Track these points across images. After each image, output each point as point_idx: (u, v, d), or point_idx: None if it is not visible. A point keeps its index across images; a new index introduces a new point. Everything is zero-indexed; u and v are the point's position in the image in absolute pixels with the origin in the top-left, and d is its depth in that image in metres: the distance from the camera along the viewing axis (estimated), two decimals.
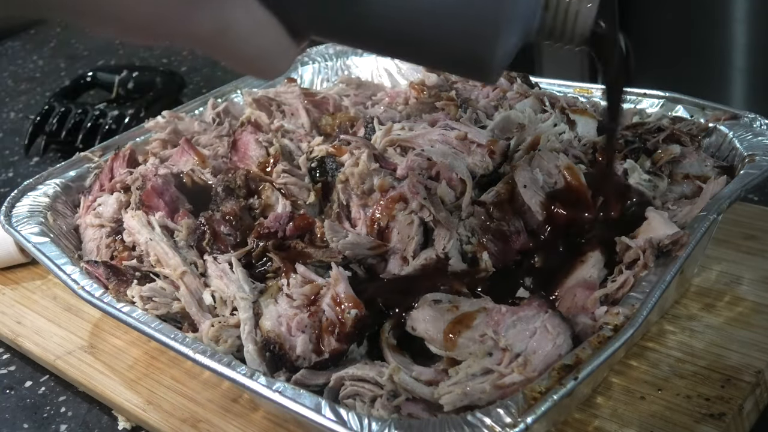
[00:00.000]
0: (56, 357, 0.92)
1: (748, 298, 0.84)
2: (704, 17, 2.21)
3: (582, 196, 0.79)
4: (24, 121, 1.67)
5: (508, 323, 0.68)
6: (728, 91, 2.22)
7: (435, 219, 0.80)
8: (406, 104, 1.04)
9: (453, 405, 0.64)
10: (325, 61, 1.29)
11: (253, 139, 1.01)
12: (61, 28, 2.23)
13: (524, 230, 0.79)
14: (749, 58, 2.16)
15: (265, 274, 0.82)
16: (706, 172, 0.86)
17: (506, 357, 0.65)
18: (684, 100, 0.96)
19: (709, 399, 0.72)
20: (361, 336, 0.72)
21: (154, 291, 0.82)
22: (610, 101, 0.76)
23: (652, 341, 0.80)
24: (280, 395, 0.65)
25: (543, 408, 0.59)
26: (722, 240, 0.91)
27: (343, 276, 0.74)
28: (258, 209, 0.90)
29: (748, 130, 0.88)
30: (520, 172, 0.82)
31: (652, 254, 0.72)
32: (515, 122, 0.92)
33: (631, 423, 0.72)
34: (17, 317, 1.00)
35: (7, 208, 0.98)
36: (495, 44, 0.62)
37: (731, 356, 0.77)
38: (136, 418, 0.84)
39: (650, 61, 2.40)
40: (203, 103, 1.20)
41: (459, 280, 0.76)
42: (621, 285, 0.72)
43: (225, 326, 0.76)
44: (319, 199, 0.91)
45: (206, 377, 0.85)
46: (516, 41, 0.65)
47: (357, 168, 0.86)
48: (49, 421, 0.87)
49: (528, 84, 1.06)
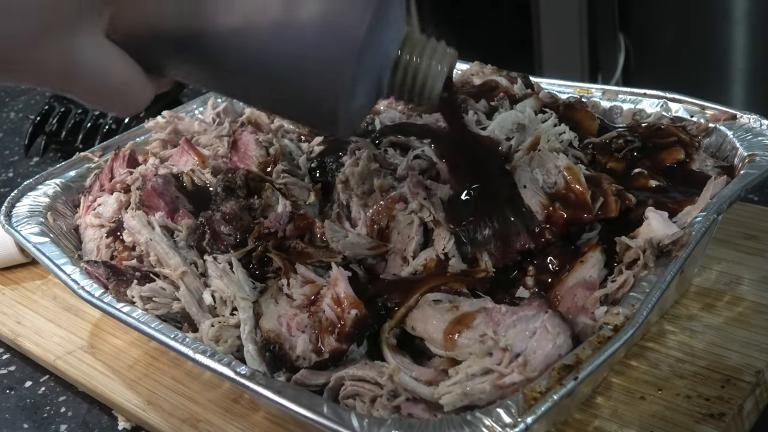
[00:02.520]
0: (56, 357, 0.92)
1: (748, 298, 0.84)
2: (704, 18, 2.21)
3: (582, 197, 0.79)
4: (24, 121, 1.67)
5: (508, 323, 0.68)
6: (728, 91, 2.22)
7: (435, 219, 0.80)
8: None
9: (453, 405, 0.64)
10: None
11: (253, 139, 1.01)
12: None
13: (524, 230, 0.79)
14: (749, 58, 2.16)
15: (265, 274, 0.82)
16: (707, 172, 0.86)
17: (506, 357, 0.65)
18: (684, 100, 0.96)
19: (709, 399, 0.72)
20: (361, 336, 0.72)
21: (154, 291, 0.82)
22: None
23: (652, 341, 0.80)
24: (280, 395, 0.65)
25: (543, 408, 0.59)
26: (722, 240, 0.91)
27: (343, 276, 0.74)
28: (258, 209, 0.89)
29: (748, 130, 0.88)
30: (520, 172, 0.82)
31: (652, 254, 0.72)
32: (515, 122, 0.92)
33: (631, 423, 0.72)
34: (17, 317, 1.00)
35: (7, 208, 0.98)
36: (336, 108, 0.62)
37: (731, 356, 0.77)
38: (136, 418, 0.84)
39: (650, 61, 2.40)
40: (203, 103, 1.20)
41: (459, 280, 0.76)
42: (621, 285, 0.72)
43: (225, 326, 0.76)
44: (319, 199, 0.91)
45: (206, 377, 0.85)
46: (364, 101, 0.65)
47: (357, 168, 0.86)
48: (49, 421, 0.87)
49: (528, 84, 1.06)
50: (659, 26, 2.36)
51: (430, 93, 0.68)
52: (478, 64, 1.11)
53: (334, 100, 0.62)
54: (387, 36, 0.65)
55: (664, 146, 0.89)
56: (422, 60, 0.67)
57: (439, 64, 0.68)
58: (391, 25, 0.64)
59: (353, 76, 0.61)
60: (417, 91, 0.68)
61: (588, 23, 2.43)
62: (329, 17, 0.58)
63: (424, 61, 0.67)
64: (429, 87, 0.68)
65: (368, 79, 0.64)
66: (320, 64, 0.60)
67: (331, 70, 0.60)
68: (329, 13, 0.58)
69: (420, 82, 0.67)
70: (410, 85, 0.68)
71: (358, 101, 0.64)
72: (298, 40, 0.59)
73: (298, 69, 0.60)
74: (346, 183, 0.87)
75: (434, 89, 0.68)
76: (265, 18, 0.58)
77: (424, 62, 0.67)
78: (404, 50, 0.67)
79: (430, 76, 0.67)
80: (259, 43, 0.59)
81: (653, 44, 2.39)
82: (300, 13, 0.58)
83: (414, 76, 0.67)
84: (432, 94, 0.68)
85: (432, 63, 0.67)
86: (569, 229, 0.79)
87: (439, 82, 0.68)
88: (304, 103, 0.64)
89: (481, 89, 1.03)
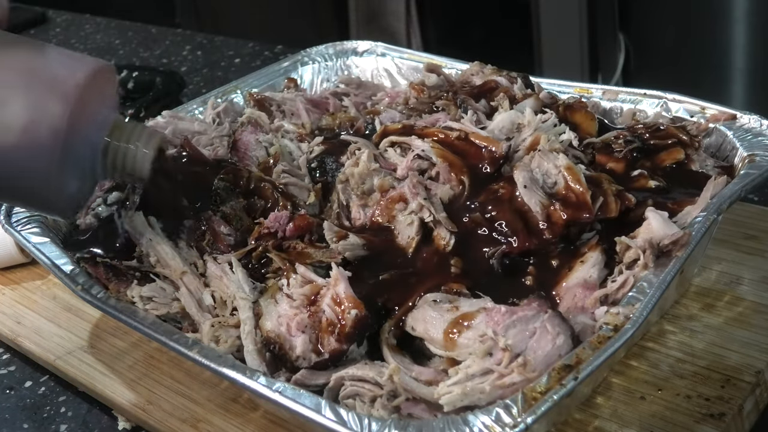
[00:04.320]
0: (56, 357, 0.92)
1: (748, 298, 0.84)
2: (704, 18, 2.21)
3: (582, 197, 0.79)
4: None
5: (508, 323, 0.68)
6: (728, 91, 2.22)
7: (435, 219, 0.80)
8: (406, 104, 1.04)
9: (453, 405, 0.64)
10: (325, 61, 1.29)
11: (253, 139, 1.01)
12: (60, 29, 2.23)
13: (524, 230, 0.79)
14: (749, 58, 2.16)
15: (265, 274, 0.82)
16: (707, 172, 0.86)
17: (506, 357, 0.65)
18: (684, 100, 0.96)
19: (709, 399, 0.72)
20: (361, 336, 0.72)
21: (154, 291, 0.82)
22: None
23: (652, 341, 0.80)
24: (280, 395, 0.65)
25: (543, 408, 0.59)
26: (722, 240, 0.91)
27: (343, 276, 0.74)
28: (258, 209, 0.89)
29: (748, 130, 0.88)
30: (520, 172, 0.82)
31: (652, 254, 0.72)
32: (515, 122, 0.92)
33: (631, 423, 0.71)
34: (17, 317, 1.00)
35: (7, 208, 0.98)
36: (47, 196, 0.70)
37: (731, 356, 0.77)
38: (136, 418, 0.84)
39: (650, 61, 2.40)
40: (203, 103, 1.19)
41: (459, 280, 0.76)
42: (621, 285, 0.72)
43: (225, 326, 0.76)
44: (319, 199, 0.91)
45: (206, 377, 0.85)
46: (79, 184, 0.73)
47: (357, 168, 0.86)
48: (49, 421, 0.87)
49: (528, 84, 1.06)
50: (659, 26, 2.36)
51: (140, 173, 0.77)
52: (478, 64, 1.11)
53: (45, 192, 0.69)
54: (93, 126, 0.73)
55: (663, 146, 0.89)
56: (128, 144, 0.76)
57: (145, 147, 0.76)
58: (96, 116, 0.73)
59: (57, 170, 0.68)
60: (128, 172, 0.76)
61: (588, 23, 2.43)
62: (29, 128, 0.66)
63: (131, 145, 0.76)
64: (138, 168, 0.76)
65: (77, 167, 0.71)
66: (24, 165, 0.67)
67: (35, 169, 0.67)
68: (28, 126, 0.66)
69: (129, 164, 0.76)
70: (120, 167, 0.76)
71: (71, 188, 0.72)
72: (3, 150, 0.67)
73: (7, 172, 0.68)
74: (346, 183, 0.87)
75: (143, 169, 0.76)
76: None
77: (130, 146, 0.75)
78: (112, 137, 0.75)
79: (137, 159, 0.76)
80: None
81: (653, 44, 2.40)
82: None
83: (123, 159, 0.76)
84: (142, 174, 0.77)
85: (138, 146, 0.76)
86: (569, 229, 0.79)
87: (147, 163, 0.76)
88: (19, 195, 0.73)
89: (481, 89, 1.03)
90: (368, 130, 1.02)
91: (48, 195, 0.70)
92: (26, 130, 0.66)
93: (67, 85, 0.68)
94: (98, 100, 0.72)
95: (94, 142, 0.73)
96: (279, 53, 1.78)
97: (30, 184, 0.69)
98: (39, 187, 0.69)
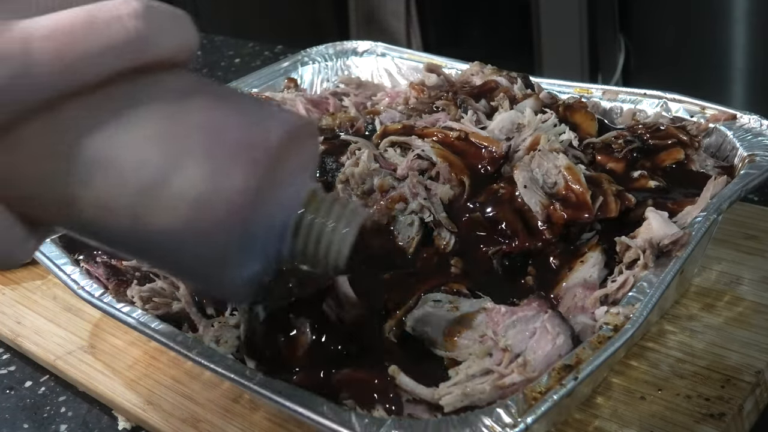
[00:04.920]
0: (56, 357, 0.92)
1: (748, 298, 0.84)
2: (704, 18, 2.21)
3: (582, 197, 0.79)
4: None
5: (507, 323, 0.68)
6: (728, 91, 2.22)
7: (435, 219, 0.80)
8: (406, 104, 1.04)
9: (453, 406, 0.64)
10: (325, 61, 1.29)
11: None
12: None
13: (524, 230, 0.79)
14: (749, 58, 2.16)
15: None
16: (707, 172, 0.86)
17: (506, 357, 0.65)
18: (684, 100, 0.96)
19: (709, 399, 0.72)
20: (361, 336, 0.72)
21: (154, 291, 0.82)
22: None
23: (652, 341, 0.80)
24: (280, 395, 0.65)
25: (543, 408, 0.59)
26: (722, 240, 0.91)
27: (343, 276, 0.74)
28: None
29: (748, 130, 0.88)
30: (520, 172, 0.82)
31: (652, 254, 0.72)
32: (515, 122, 0.92)
33: (631, 423, 0.71)
34: (17, 317, 1.00)
35: None
36: (223, 277, 0.54)
37: (731, 356, 0.77)
38: (136, 418, 0.84)
39: (650, 61, 2.40)
40: None
41: (459, 280, 0.76)
42: (621, 285, 0.72)
43: (225, 326, 0.76)
44: None
45: (206, 377, 0.85)
46: (259, 268, 0.58)
47: (357, 168, 0.86)
48: (49, 421, 0.87)
49: (528, 84, 1.06)
50: (659, 26, 2.36)
51: (335, 260, 0.59)
52: (478, 64, 1.11)
53: (220, 273, 0.54)
54: (284, 199, 0.57)
55: (663, 147, 0.89)
56: (326, 221, 0.59)
57: (347, 227, 0.59)
58: (289, 187, 0.57)
59: (235, 252, 0.53)
60: (321, 256, 0.59)
61: (588, 23, 2.43)
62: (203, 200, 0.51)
63: (329, 223, 0.59)
64: (334, 252, 0.59)
65: (260, 248, 0.57)
66: (196, 243, 0.53)
67: (208, 248, 0.53)
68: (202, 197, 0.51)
69: (323, 247, 0.59)
70: (312, 250, 0.59)
71: (250, 271, 0.57)
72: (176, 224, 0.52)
73: (176, 252, 0.54)
74: (346, 183, 0.87)
75: (340, 256, 0.59)
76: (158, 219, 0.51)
77: (328, 224, 0.59)
78: (307, 211, 0.59)
79: (333, 242, 0.59)
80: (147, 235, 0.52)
81: (653, 44, 2.40)
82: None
83: (317, 240, 0.59)
84: (338, 261, 0.59)
85: (339, 226, 0.59)
86: (569, 229, 0.79)
87: (345, 249, 0.59)
88: (191, 274, 0.58)
89: (481, 89, 1.03)
90: (368, 130, 1.02)
91: (222, 280, 0.55)
92: (199, 201, 0.51)
93: (255, 150, 0.52)
94: (292, 166, 0.56)
95: (283, 218, 0.59)
96: (279, 53, 1.78)
97: (201, 265, 0.55)
98: (211, 272, 0.55)
